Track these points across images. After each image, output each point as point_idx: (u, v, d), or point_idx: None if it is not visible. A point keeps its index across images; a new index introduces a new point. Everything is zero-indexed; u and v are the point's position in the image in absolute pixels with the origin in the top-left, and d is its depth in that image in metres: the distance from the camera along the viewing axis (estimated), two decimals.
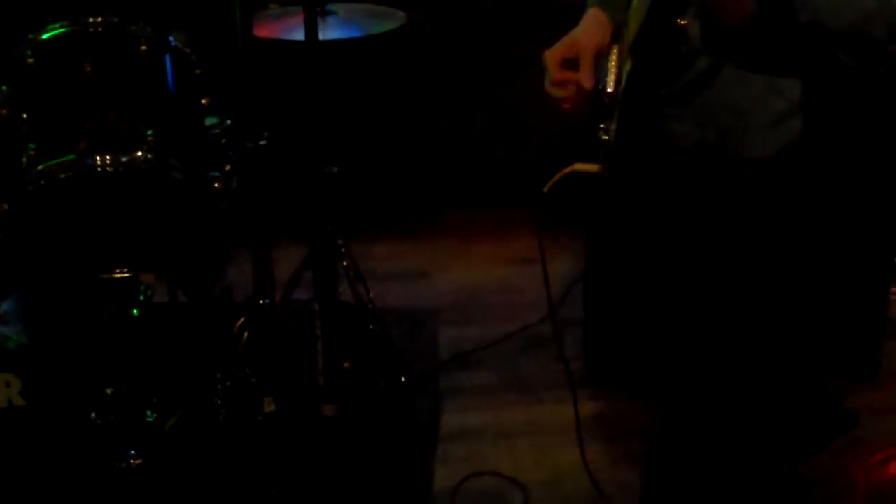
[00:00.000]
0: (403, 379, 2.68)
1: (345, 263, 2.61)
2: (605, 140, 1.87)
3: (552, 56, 1.83)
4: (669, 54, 1.63)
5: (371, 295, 2.78)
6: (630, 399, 2.67)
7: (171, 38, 2.21)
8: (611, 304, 2.76)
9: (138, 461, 2.12)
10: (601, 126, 1.91)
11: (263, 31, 2.56)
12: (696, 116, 1.66)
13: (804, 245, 1.69)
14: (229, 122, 2.40)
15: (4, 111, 2.12)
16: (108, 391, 2.09)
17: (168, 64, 2.19)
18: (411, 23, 2.72)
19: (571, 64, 1.81)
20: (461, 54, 3.61)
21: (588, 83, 1.78)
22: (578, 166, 1.97)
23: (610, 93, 1.83)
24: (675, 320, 1.91)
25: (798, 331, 1.76)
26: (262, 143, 2.45)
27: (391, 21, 2.71)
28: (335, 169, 2.34)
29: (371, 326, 2.72)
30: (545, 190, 1.95)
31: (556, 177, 1.95)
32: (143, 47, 2.16)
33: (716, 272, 1.71)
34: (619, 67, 1.81)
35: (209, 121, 2.36)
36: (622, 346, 2.72)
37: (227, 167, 2.35)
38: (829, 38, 1.47)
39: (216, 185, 2.27)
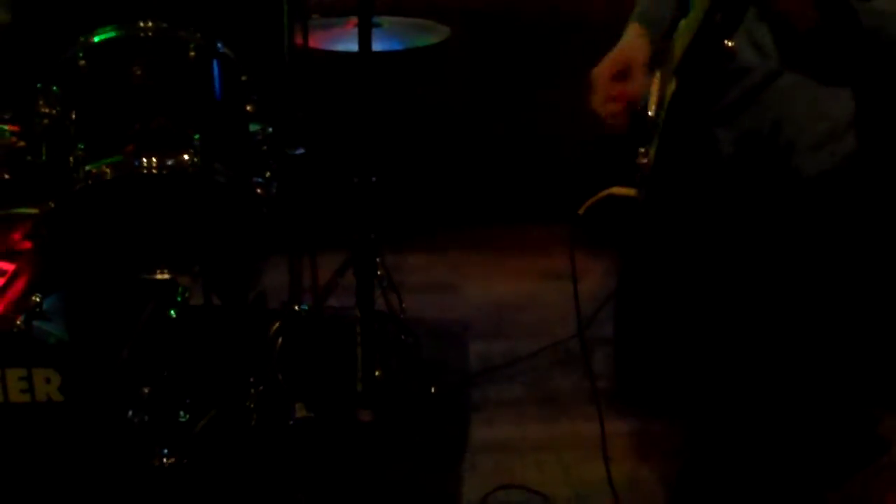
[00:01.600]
0: (433, 390, 2.69)
1: (378, 273, 2.63)
2: (643, 164, 1.88)
3: (602, 73, 1.85)
4: (716, 75, 1.64)
5: (403, 305, 2.80)
6: (658, 419, 2.67)
7: (219, 45, 2.25)
8: (642, 324, 2.76)
9: (171, 460, 2.14)
10: (640, 150, 1.92)
11: (309, 41, 2.58)
12: (743, 134, 1.67)
13: (851, 266, 1.70)
14: (271, 129, 2.43)
15: (55, 111, 2.15)
16: (145, 390, 2.11)
17: (216, 69, 2.22)
18: (454, 37, 2.75)
19: (620, 77, 1.83)
20: (501, 70, 3.63)
21: (639, 90, 1.81)
22: (615, 190, 1.98)
23: (651, 116, 1.85)
24: (708, 342, 1.91)
25: (837, 355, 1.76)
26: (299, 151, 2.49)
27: (434, 35, 2.74)
28: (374, 178, 2.36)
29: (403, 336, 2.74)
30: (580, 212, 1.97)
31: (593, 199, 1.96)
32: (192, 53, 2.18)
33: (756, 292, 1.72)
34: (662, 91, 1.82)
35: (252, 127, 2.38)
36: (652, 365, 2.72)
37: (268, 174, 2.38)
38: (891, 44, 1.47)
39: (258, 190, 2.29)
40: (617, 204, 2.01)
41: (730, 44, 1.58)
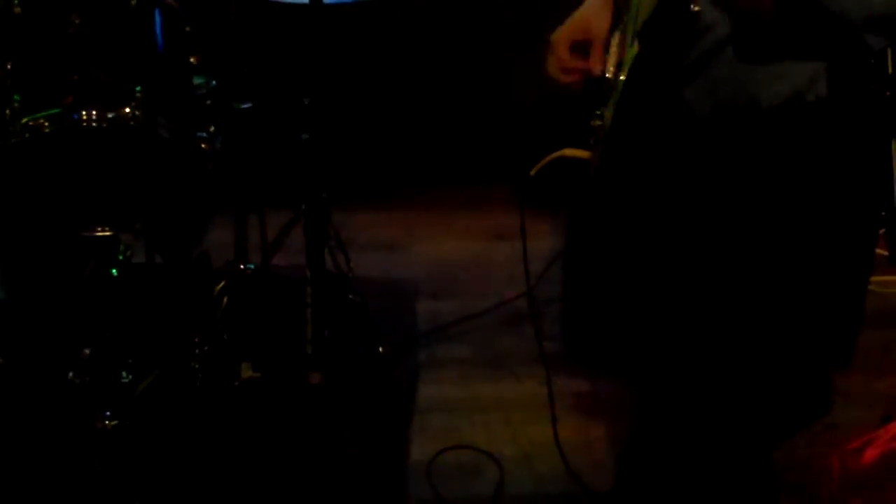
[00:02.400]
0: (381, 350, 2.67)
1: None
2: (598, 125, 1.86)
3: (561, 40, 1.80)
4: (680, 39, 1.62)
5: (350, 264, 2.77)
6: (606, 379, 2.68)
7: None
8: (589, 285, 2.76)
9: (113, 423, 2.10)
10: (596, 112, 1.90)
11: None
12: (706, 89, 1.66)
13: (799, 226, 1.70)
14: (216, 82, 2.36)
15: None
16: (86, 351, 2.06)
17: (158, 19, 2.16)
18: None
19: (579, 47, 1.79)
20: (450, 26, 3.58)
21: (598, 70, 1.77)
22: (567, 152, 1.96)
23: (608, 78, 1.82)
24: (654, 301, 1.91)
25: (781, 316, 1.77)
26: (245, 105, 2.43)
27: None
28: (322, 135, 2.32)
29: (350, 296, 2.71)
30: (532, 174, 1.95)
31: (544, 161, 1.94)
32: (133, 1, 2.11)
33: (709, 249, 1.72)
34: (621, 52, 1.80)
35: (196, 80, 2.32)
36: (600, 325, 2.73)
37: (212, 128, 2.32)
38: (856, 24, 1.47)
39: (202, 145, 2.23)
40: (567, 165, 1.99)
41: (696, 8, 1.56)
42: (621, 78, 1.77)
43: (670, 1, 1.54)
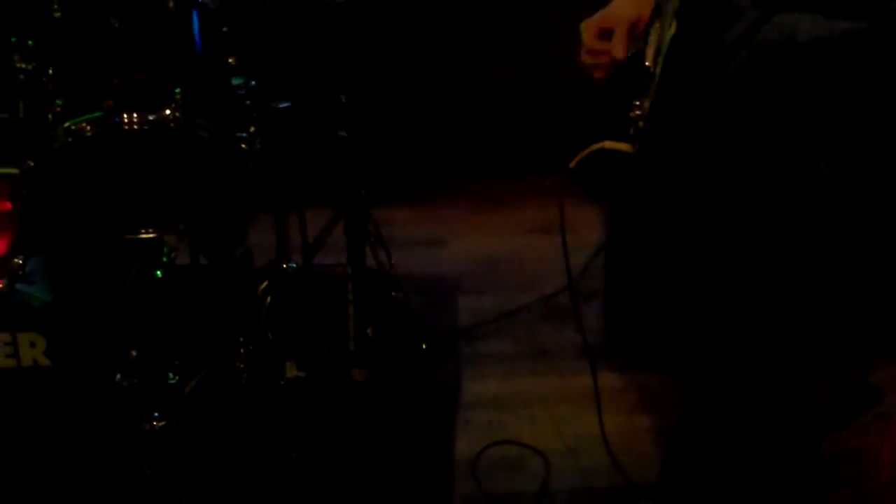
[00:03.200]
0: (424, 346, 2.67)
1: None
2: (638, 116, 1.85)
3: (588, 27, 1.85)
4: (720, 14, 1.61)
5: (392, 261, 2.77)
6: (651, 371, 2.66)
7: None
8: (632, 277, 2.74)
9: (161, 424, 2.11)
10: (635, 103, 1.89)
11: None
12: (745, 68, 1.63)
13: (855, 216, 1.67)
14: (254, 82, 2.37)
15: (31, 66, 2.09)
16: (133, 353, 2.07)
17: (196, 21, 2.16)
18: None
19: (606, 35, 1.83)
20: (487, 19, 3.57)
21: (620, 53, 1.80)
22: (607, 144, 1.95)
23: (648, 66, 1.81)
24: (700, 292, 1.89)
25: (829, 304, 1.75)
26: (284, 104, 2.43)
27: None
28: (361, 132, 2.32)
29: (393, 293, 2.71)
30: (571, 166, 1.94)
31: (583, 153, 1.93)
32: (171, 3, 2.11)
33: (756, 240, 1.69)
34: (660, 39, 1.79)
35: (235, 81, 2.32)
36: (643, 318, 2.71)
37: (252, 128, 2.33)
38: None
39: (242, 145, 2.24)
40: (608, 157, 1.98)
41: None
42: (660, 64, 1.75)
43: None
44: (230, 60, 2.26)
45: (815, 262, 1.70)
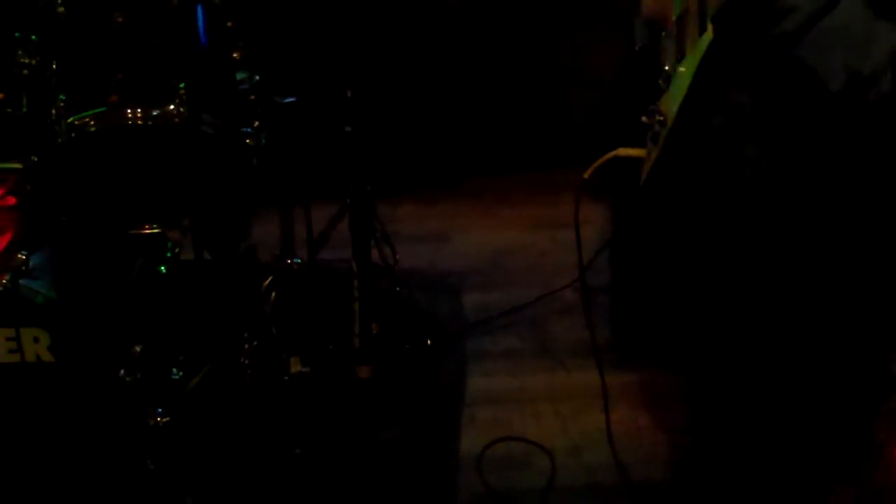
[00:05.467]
0: (429, 342, 2.66)
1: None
2: (658, 121, 1.83)
3: None
4: (761, 18, 1.58)
5: (396, 257, 2.76)
6: (656, 368, 2.65)
7: None
8: (638, 275, 2.73)
9: (165, 419, 2.10)
10: (649, 108, 1.87)
11: None
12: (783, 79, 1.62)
13: (867, 214, 1.66)
14: (258, 77, 2.36)
15: (34, 61, 2.08)
16: (137, 348, 2.07)
17: (200, 15, 2.15)
18: None
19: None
20: (493, 15, 3.55)
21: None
22: (621, 151, 1.94)
23: (667, 70, 1.79)
24: (709, 289, 1.88)
25: (853, 300, 1.74)
26: (289, 100, 2.42)
27: None
28: (366, 127, 2.31)
29: (398, 289, 2.70)
30: (586, 176, 1.93)
31: (598, 162, 1.93)
32: None
33: (773, 238, 1.68)
34: (681, 44, 1.77)
35: (239, 76, 2.31)
36: (649, 314, 2.70)
37: (257, 123, 2.32)
38: None
39: (247, 140, 2.23)
40: (617, 159, 1.97)
41: None
42: (680, 69, 1.73)
43: None
44: (234, 55, 2.25)
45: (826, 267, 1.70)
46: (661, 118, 1.80)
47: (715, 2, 1.62)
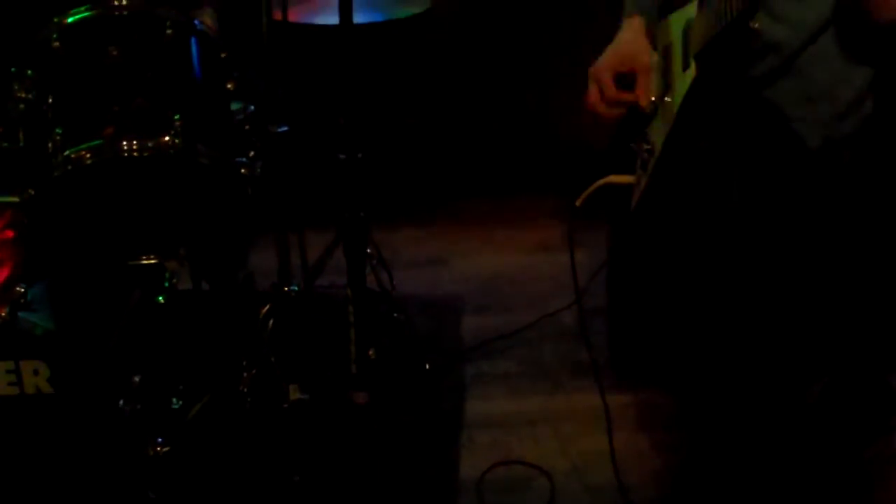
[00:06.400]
0: (427, 366, 2.67)
1: (367, 250, 2.60)
2: (646, 149, 1.84)
3: (604, 72, 1.78)
4: (741, 57, 1.61)
5: (393, 282, 2.77)
6: (654, 390, 2.66)
7: (196, 22, 2.19)
8: (633, 297, 2.74)
9: (165, 449, 2.11)
10: (639, 135, 1.89)
11: (288, 14, 2.53)
12: (769, 108, 1.64)
13: (861, 231, 1.68)
14: (253, 107, 2.38)
15: (30, 95, 2.09)
16: (136, 379, 2.07)
17: (194, 47, 2.17)
18: (435, 7, 2.70)
19: (623, 79, 1.77)
20: (484, 41, 3.58)
21: (645, 101, 1.75)
22: (613, 178, 1.96)
23: (653, 101, 1.80)
24: (703, 310, 1.89)
25: (843, 319, 1.75)
26: (283, 129, 2.44)
27: (415, 5, 2.69)
28: (360, 154, 2.32)
29: (395, 314, 2.71)
30: (578, 204, 1.95)
31: (590, 189, 1.95)
32: (169, 31, 2.12)
33: (766, 261, 1.70)
34: (664, 78, 1.78)
35: (233, 106, 2.33)
36: (646, 336, 2.71)
37: (252, 153, 2.33)
38: None
39: (242, 170, 2.25)
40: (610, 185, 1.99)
41: (756, 25, 1.55)
42: (667, 100, 1.75)
43: (733, 21, 1.53)
44: (229, 86, 2.26)
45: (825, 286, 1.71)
46: (649, 147, 1.82)
47: (697, 40, 1.64)
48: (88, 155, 2.04)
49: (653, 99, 1.77)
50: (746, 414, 1.85)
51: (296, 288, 2.56)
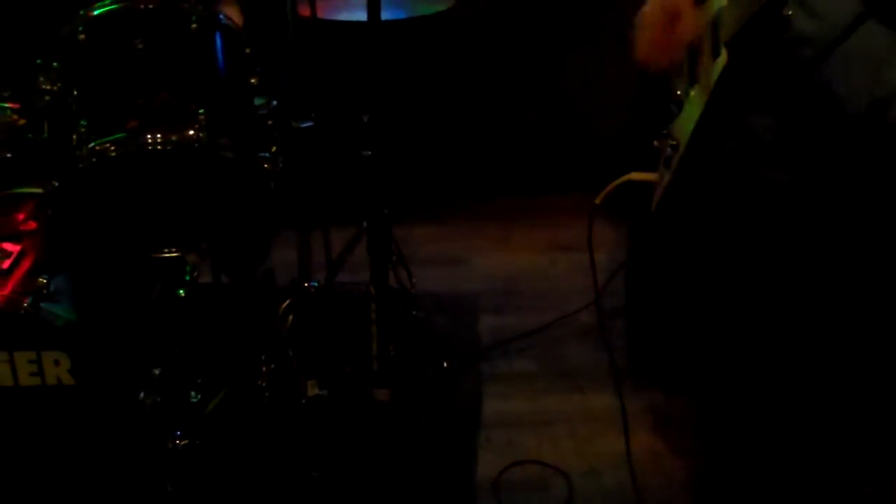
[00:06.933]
0: (446, 365, 2.67)
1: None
2: (670, 145, 1.83)
3: (652, 19, 1.78)
4: (772, 46, 1.60)
5: (413, 280, 2.77)
6: (671, 391, 2.65)
7: (221, 16, 2.20)
8: (653, 299, 2.73)
9: (184, 442, 2.12)
10: (662, 133, 1.88)
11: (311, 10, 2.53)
12: (798, 105, 1.63)
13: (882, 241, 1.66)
14: (276, 102, 2.38)
15: (56, 87, 2.09)
16: (156, 371, 2.08)
17: (218, 42, 2.17)
18: (459, 5, 2.69)
19: (668, 23, 1.77)
20: (507, 39, 3.58)
21: (690, 36, 1.74)
22: (634, 175, 1.96)
23: (679, 94, 1.80)
24: (725, 312, 1.88)
25: (872, 323, 1.74)
26: (306, 125, 2.44)
27: (439, 3, 2.69)
28: (382, 151, 2.32)
29: (414, 312, 2.71)
30: (598, 202, 1.95)
31: (610, 187, 1.95)
32: (194, 25, 2.12)
33: (792, 268, 1.69)
34: (693, 68, 1.77)
35: (257, 101, 2.33)
36: (665, 337, 2.70)
37: (274, 148, 2.34)
38: None
39: (265, 165, 2.25)
40: (630, 183, 1.98)
41: (789, 12, 1.55)
42: (692, 93, 1.74)
43: (765, 8, 1.52)
44: (252, 81, 2.27)
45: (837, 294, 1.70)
46: (674, 143, 1.81)
47: (729, 27, 1.63)
48: (112, 147, 2.05)
49: (678, 93, 1.76)
50: (766, 418, 1.84)
51: (316, 284, 2.57)
